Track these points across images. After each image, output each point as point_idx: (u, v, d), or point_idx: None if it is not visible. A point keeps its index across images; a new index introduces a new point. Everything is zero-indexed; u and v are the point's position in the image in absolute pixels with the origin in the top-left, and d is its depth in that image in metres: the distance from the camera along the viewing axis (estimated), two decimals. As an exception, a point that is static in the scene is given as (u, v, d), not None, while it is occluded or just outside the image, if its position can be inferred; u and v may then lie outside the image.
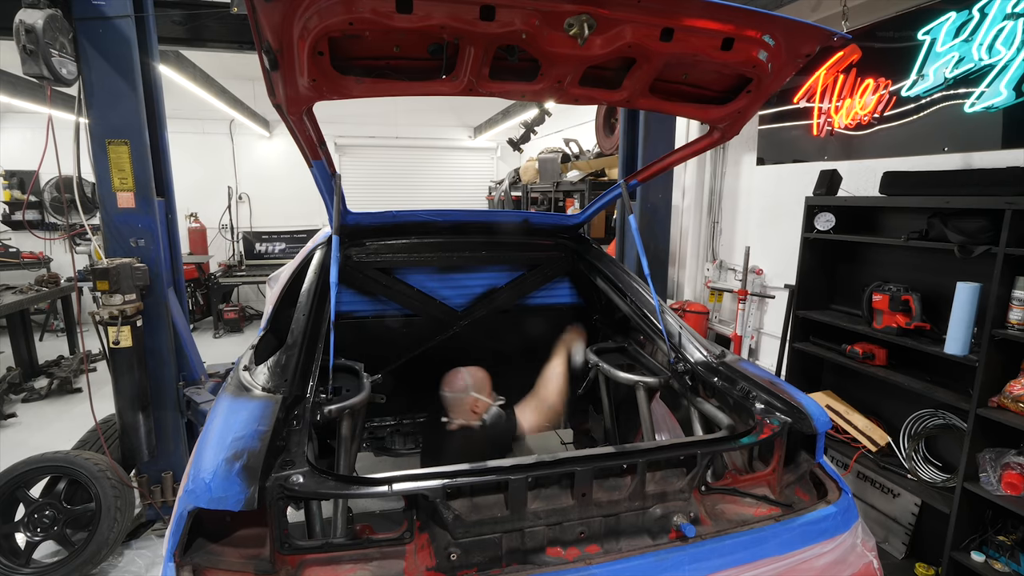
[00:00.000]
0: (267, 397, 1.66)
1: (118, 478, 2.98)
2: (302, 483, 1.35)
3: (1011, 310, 2.38)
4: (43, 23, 2.58)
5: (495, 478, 1.43)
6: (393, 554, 1.40)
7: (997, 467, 2.49)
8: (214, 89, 6.49)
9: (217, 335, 7.90)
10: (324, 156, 1.94)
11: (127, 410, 3.10)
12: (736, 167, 4.86)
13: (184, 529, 1.33)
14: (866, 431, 3.20)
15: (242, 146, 9.12)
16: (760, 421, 1.76)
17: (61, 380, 5.50)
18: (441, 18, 1.28)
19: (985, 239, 2.51)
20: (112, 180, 3.01)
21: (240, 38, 3.81)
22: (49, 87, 2.83)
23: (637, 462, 1.51)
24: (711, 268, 5.19)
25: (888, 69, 3.25)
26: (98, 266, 2.90)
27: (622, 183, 2.50)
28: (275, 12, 1.23)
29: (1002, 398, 2.43)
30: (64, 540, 2.89)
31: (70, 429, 4.41)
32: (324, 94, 1.49)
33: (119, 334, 3.00)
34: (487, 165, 10.64)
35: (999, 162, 2.75)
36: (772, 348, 4.35)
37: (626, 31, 1.40)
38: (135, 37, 2.94)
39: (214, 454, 1.38)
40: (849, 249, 3.39)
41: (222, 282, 8.01)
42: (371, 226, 2.76)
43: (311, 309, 2.12)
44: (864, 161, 3.53)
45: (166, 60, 4.92)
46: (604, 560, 1.43)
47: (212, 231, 8.84)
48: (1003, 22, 2.55)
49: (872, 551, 1.65)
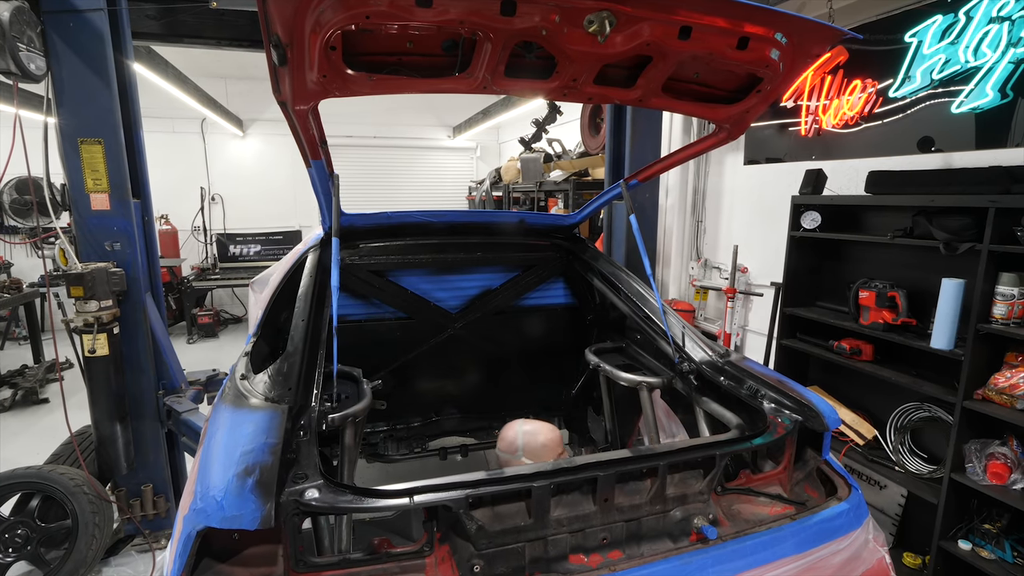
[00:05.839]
0: (272, 407, 1.58)
1: (95, 493, 2.85)
2: (318, 498, 1.29)
3: (995, 305, 2.46)
4: (9, 16, 2.45)
5: (518, 486, 1.39)
6: (413, 568, 1.35)
7: (982, 457, 2.57)
8: (187, 87, 6.28)
9: (191, 340, 7.65)
10: (324, 156, 1.87)
11: (104, 421, 2.97)
12: (720, 166, 4.93)
13: (192, 550, 1.25)
14: (853, 425, 3.27)
15: (214, 146, 8.86)
16: (773, 420, 1.76)
17: (26, 391, 5.24)
18: (461, 13, 1.24)
19: (969, 236, 2.58)
20: (85, 181, 2.88)
21: (218, 34, 3.67)
22: (16, 83, 2.68)
23: (658, 465, 1.49)
24: (696, 267, 5.25)
25: (875, 70, 3.33)
26: (72, 271, 2.76)
27: (622, 183, 2.49)
28: (287, 5, 1.17)
29: (987, 390, 2.51)
30: (38, 560, 2.76)
31: (39, 442, 4.22)
32: (333, 91, 1.43)
33: (95, 342, 2.87)
34: (467, 165, 10.57)
35: (984, 161, 2.83)
36: (757, 345, 4.42)
37: (645, 29, 1.38)
38: (108, 32, 2.81)
39: (223, 469, 1.31)
40: (835, 247, 3.46)
41: (196, 286, 7.77)
42: (365, 227, 2.70)
43: (310, 314, 2.05)
44: (849, 161, 3.61)
45: (137, 56, 4.73)
46: (628, 566, 1.41)
47: (184, 233, 8.58)
48: (988, 25, 2.63)
49: (883, 546, 1.66)
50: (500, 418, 3.42)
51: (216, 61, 7.45)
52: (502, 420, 3.43)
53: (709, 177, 5.09)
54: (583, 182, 5.94)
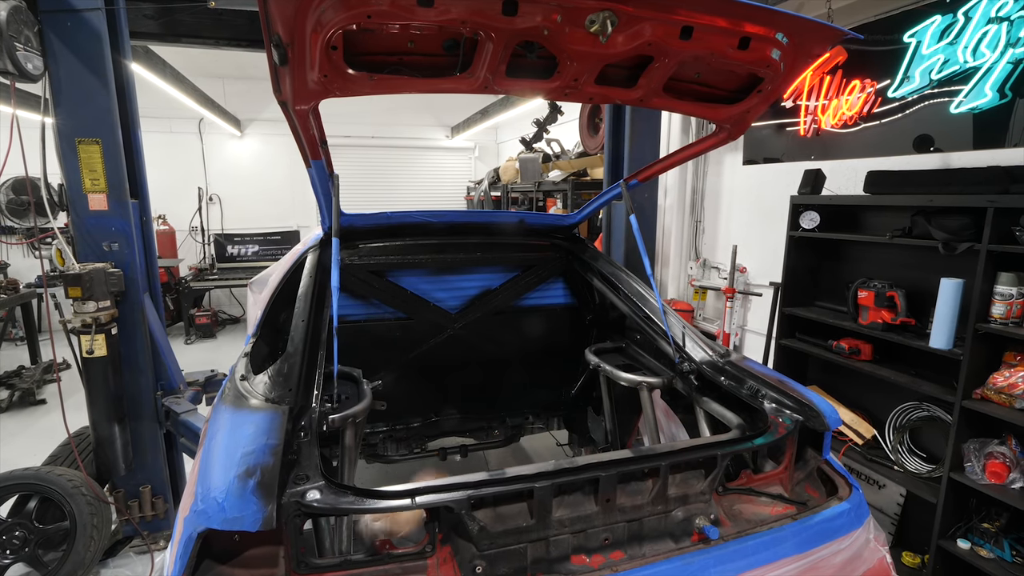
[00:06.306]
0: (272, 408, 1.58)
1: (93, 494, 2.83)
2: (320, 499, 1.29)
3: (993, 305, 2.46)
4: (6, 15, 2.44)
5: (520, 487, 1.39)
6: (415, 569, 1.35)
7: (981, 457, 2.57)
8: (184, 86, 6.26)
9: (189, 341, 7.63)
10: (324, 156, 1.87)
11: (102, 422, 2.96)
12: (719, 166, 4.93)
13: (192, 552, 1.24)
14: (852, 424, 3.28)
15: (212, 145, 8.83)
16: (774, 420, 1.76)
17: (23, 392, 5.22)
18: (463, 12, 1.24)
19: (968, 236, 2.58)
20: (83, 181, 2.87)
21: (216, 34, 3.66)
22: (13, 83, 2.67)
23: (660, 465, 1.49)
24: (694, 267, 5.25)
25: (874, 70, 3.34)
26: (70, 272, 2.75)
27: (622, 183, 2.49)
28: (288, 4, 1.17)
29: (985, 390, 2.51)
30: (36, 561, 2.74)
31: (36, 443, 4.20)
32: (334, 91, 1.42)
33: (93, 343, 2.85)
34: (465, 165, 10.57)
35: (982, 161, 2.84)
36: (756, 345, 4.43)
37: (647, 29, 1.38)
38: (106, 31, 2.80)
39: (223, 471, 1.30)
40: (834, 247, 3.47)
41: (193, 286, 7.73)
42: (364, 228, 2.69)
43: (310, 314, 2.04)
44: (848, 161, 3.62)
45: (135, 56, 4.72)
46: (630, 567, 1.41)
47: (181, 233, 8.56)
48: (987, 26, 2.63)
49: (884, 546, 1.67)
50: (500, 418, 3.42)
51: (214, 61, 7.43)
52: (502, 420, 3.44)
53: (708, 177, 5.10)
54: (582, 182, 5.94)
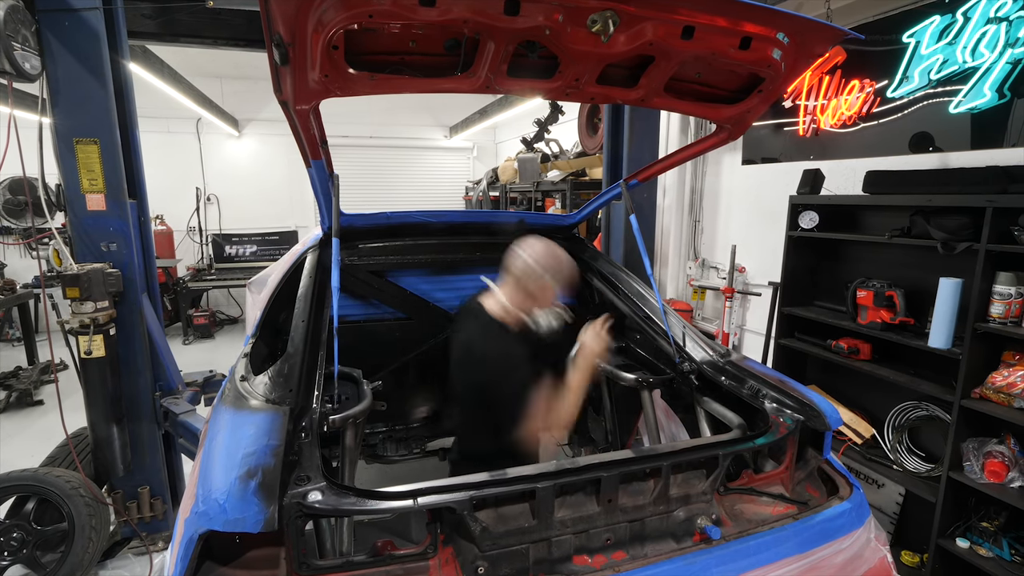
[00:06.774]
0: (273, 409, 1.57)
1: (92, 495, 2.82)
2: (322, 500, 1.28)
3: (992, 304, 2.47)
4: (4, 14, 2.43)
5: (523, 487, 1.39)
6: (417, 570, 1.34)
7: (980, 456, 2.57)
8: (181, 86, 6.24)
9: (187, 341, 7.61)
10: (324, 156, 1.86)
11: (100, 423, 2.95)
12: (717, 166, 4.94)
13: (194, 554, 1.24)
14: (851, 424, 3.28)
15: (210, 145, 8.80)
16: (775, 420, 1.76)
17: (20, 392, 5.20)
18: (464, 12, 1.24)
19: (967, 236, 2.59)
20: (81, 181, 2.86)
21: (215, 34, 3.65)
22: (11, 83, 2.65)
23: (661, 465, 1.49)
24: (693, 266, 5.25)
25: (873, 70, 3.34)
26: (68, 272, 2.74)
27: (622, 183, 2.49)
28: (289, 4, 1.16)
29: (984, 389, 2.52)
30: (34, 563, 2.73)
31: (34, 444, 4.19)
32: (335, 90, 1.42)
33: (91, 344, 2.84)
34: (463, 165, 10.55)
35: (981, 161, 2.84)
36: (755, 344, 4.43)
37: (648, 28, 1.38)
38: (104, 31, 2.80)
39: (224, 472, 1.30)
40: (833, 247, 3.47)
41: (191, 286, 7.72)
42: (364, 228, 2.68)
43: (310, 315, 2.04)
44: (847, 160, 3.62)
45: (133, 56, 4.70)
46: (632, 567, 1.41)
47: (179, 234, 8.52)
48: (986, 26, 2.64)
49: (885, 545, 1.67)
50: None
51: (212, 61, 7.41)
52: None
53: (707, 177, 5.10)
54: (580, 182, 5.93)
